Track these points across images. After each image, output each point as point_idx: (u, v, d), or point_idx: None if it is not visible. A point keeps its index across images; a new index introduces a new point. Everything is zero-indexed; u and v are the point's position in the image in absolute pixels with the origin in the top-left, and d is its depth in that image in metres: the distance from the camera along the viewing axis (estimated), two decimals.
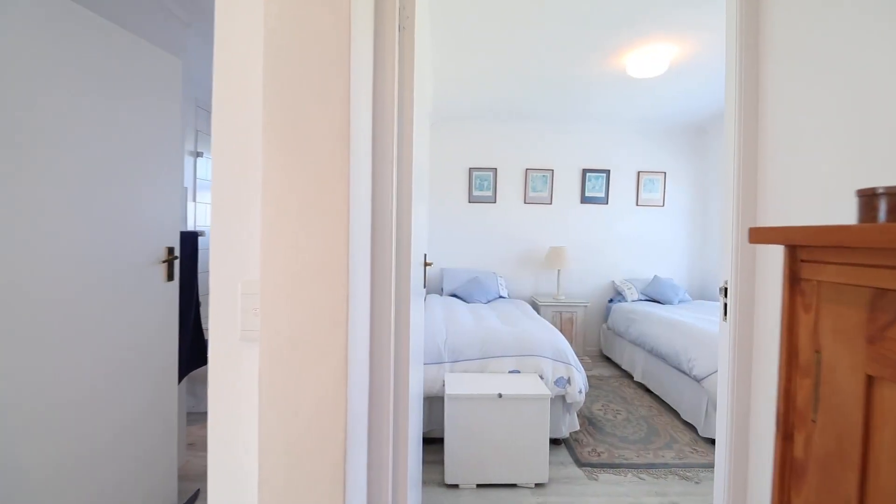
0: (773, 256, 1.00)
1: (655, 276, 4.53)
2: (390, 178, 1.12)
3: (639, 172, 4.68)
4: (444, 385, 2.39)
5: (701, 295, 4.68)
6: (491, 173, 4.65)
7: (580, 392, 2.53)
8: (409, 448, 1.38)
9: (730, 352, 1.07)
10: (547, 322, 3.25)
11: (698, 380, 2.70)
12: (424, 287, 1.94)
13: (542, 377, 2.51)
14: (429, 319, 3.06)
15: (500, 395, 2.19)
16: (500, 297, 4.31)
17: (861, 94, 0.87)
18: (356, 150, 0.91)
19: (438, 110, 4.31)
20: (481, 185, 4.67)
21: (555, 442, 2.60)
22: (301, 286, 0.80)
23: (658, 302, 4.28)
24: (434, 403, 2.54)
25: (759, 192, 1.05)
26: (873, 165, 0.84)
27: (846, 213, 0.87)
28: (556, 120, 4.50)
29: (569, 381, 2.54)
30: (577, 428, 2.64)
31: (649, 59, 2.72)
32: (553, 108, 4.13)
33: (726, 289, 1.08)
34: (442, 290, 4.36)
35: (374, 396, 1.14)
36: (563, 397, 2.56)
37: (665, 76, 3.08)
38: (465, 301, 4.10)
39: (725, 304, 1.09)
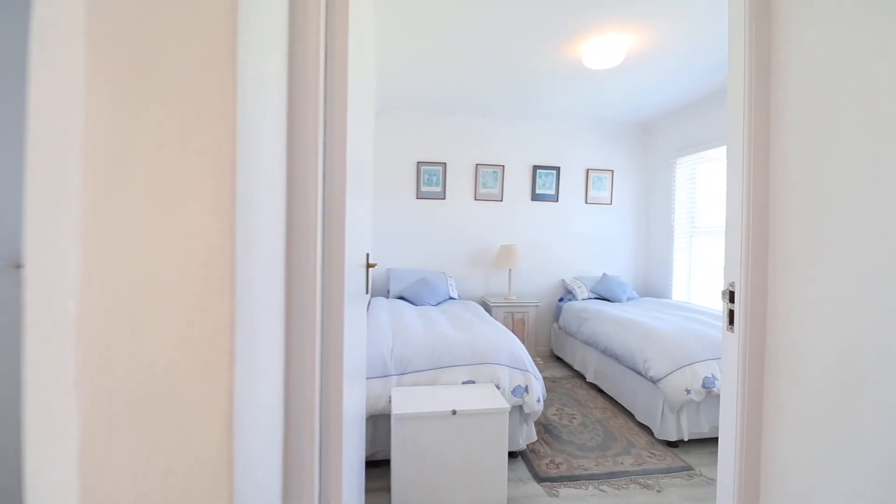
0: (794, 254, 0.83)
1: (604, 273, 4.52)
2: (314, 160, 0.83)
3: (588, 170, 4.65)
4: (390, 401, 2.12)
5: (646, 292, 4.75)
6: (440, 168, 4.42)
7: (538, 401, 2.36)
8: (342, 488, 1.10)
9: (739, 365, 0.89)
10: (500, 325, 3.06)
11: (655, 381, 2.62)
12: (368, 292, 1.66)
13: (498, 387, 2.31)
14: (373, 327, 2.76)
15: (453, 412, 1.95)
16: (451, 298, 4.09)
17: None
18: (250, 116, 0.62)
19: (384, 99, 4.00)
20: (430, 181, 4.42)
21: (511, 455, 2.41)
22: (152, 306, 0.50)
23: (607, 300, 4.26)
24: (379, 422, 2.25)
25: (771, 180, 0.89)
26: None
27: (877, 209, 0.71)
28: (508, 114, 4.35)
29: (526, 389, 2.36)
30: (535, 439, 2.47)
31: (606, 48, 2.60)
32: (505, 102, 3.97)
33: (731, 292, 0.91)
34: (388, 292, 4.06)
35: (291, 437, 0.85)
36: (520, 407, 2.38)
37: (620, 68, 3.01)
38: (413, 304, 3.83)
39: (732, 311, 0.92)
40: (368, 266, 1.62)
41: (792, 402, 0.83)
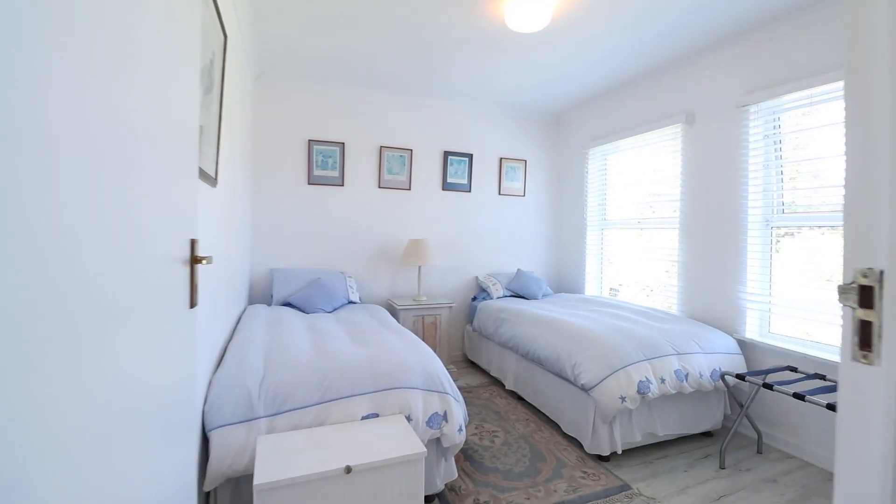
0: None
1: (519, 269, 4.25)
2: None
3: (501, 159, 4.34)
4: (255, 457, 1.46)
5: (559, 287, 4.59)
6: (337, 149, 3.74)
7: (460, 430, 1.87)
8: None
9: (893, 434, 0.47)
10: (410, 334, 2.53)
11: (587, 389, 2.31)
12: (195, 303, 1.01)
13: (409, 418, 1.77)
14: (239, 349, 2.04)
15: (348, 470, 1.37)
16: (350, 302, 3.45)
17: None
18: None
19: (265, 61, 3.22)
20: (325, 164, 3.72)
21: (427, 500, 1.90)
22: None
23: (523, 297, 3.98)
24: (242, 485, 1.58)
25: None
26: None
27: None
28: (417, 91, 3.83)
29: (445, 416, 1.86)
30: (455, 476, 1.99)
31: (531, 6, 2.21)
32: (414, 75, 3.43)
33: (864, 287, 0.48)
34: (272, 298, 3.29)
35: None
36: (438, 440, 1.87)
37: (544, 36, 2.66)
38: (303, 311, 3.12)
39: (867, 324, 0.48)
40: (195, 261, 0.97)
41: None
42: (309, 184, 3.68)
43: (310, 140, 3.66)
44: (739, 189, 2.74)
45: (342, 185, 3.77)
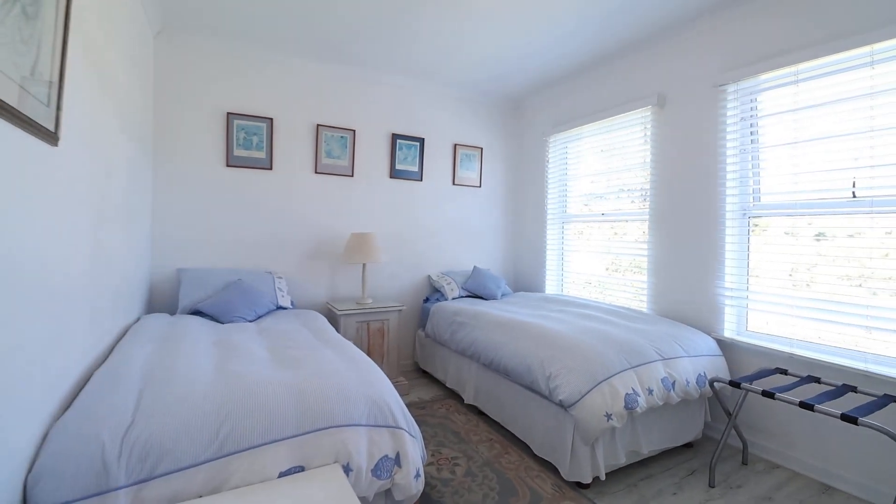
0: None
1: (475, 267, 3.87)
2: None
3: (455, 145, 3.93)
4: None
5: (517, 286, 4.26)
6: (264, 125, 3.14)
7: (417, 476, 1.42)
8: None
9: None
10: (353, 347, 2.04)
11: (566, 406, 1.95)
12: None
13: (348, 468, 1.30)
14: (102, 383, 1.44)
15: None
16: (280, 308, 2.87)
17: None
18: None
19: (171, 13, 2.57)
20: (249, 143, 3.11)
21: None
22: None
23: (481, 297, 3.60)
24: None
25: None
26: None
27: None
28: (361, 62, 3.31)
29: (398, 460, 1.40)
30: None
31: None
32: (357, 40, 2.92)
33: None
34: (178, 305, 2.64)
35: None
36: (388, 491, 1.41)
37: None
38: (217, 321, 2.51)
39: None
40: None
41: None
42: (228, 166, 3.05)
43: (229, 113, 3.03)
44: (715, 176, 2.52)
45: (270, 168, 3.17)
